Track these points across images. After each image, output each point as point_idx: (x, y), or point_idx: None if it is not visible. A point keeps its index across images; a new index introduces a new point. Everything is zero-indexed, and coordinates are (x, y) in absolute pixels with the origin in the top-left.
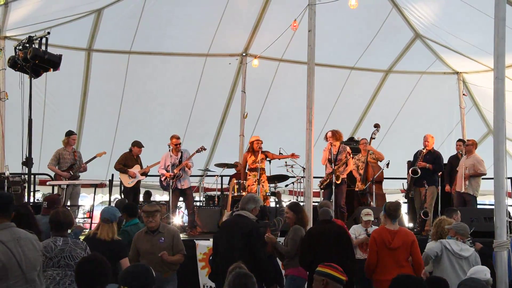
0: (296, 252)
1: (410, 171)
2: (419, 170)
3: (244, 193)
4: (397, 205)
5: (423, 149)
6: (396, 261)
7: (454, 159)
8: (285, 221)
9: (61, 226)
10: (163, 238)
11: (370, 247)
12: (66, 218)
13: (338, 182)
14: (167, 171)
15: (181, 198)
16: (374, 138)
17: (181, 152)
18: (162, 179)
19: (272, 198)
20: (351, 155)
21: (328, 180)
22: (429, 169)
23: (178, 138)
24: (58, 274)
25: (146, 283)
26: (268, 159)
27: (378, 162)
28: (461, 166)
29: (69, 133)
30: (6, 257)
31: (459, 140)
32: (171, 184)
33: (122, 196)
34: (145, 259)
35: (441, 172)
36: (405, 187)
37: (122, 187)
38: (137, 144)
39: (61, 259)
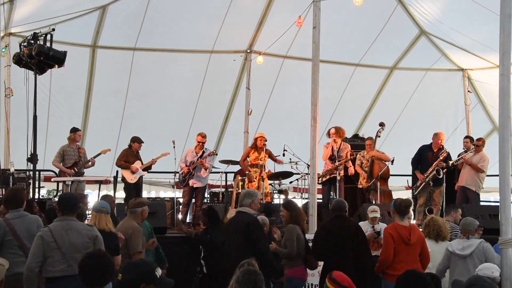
0: (296, 251)
1: (435, 171)
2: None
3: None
4: (408, 201)
5: (442, 148)
6: (412, 256)
7: None
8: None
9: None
10: None
11: (386, 243)
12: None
13: (339, 178)
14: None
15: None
16: (379, 137)
17: (203, 151)
18: (180, 172)
19: (277, 195)
20: (354, 154)
21: (327, 177)
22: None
23: (203, 136)
24: None
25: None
26: (269, 158)
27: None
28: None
29: (75, 130)
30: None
31: (467, 137)
32: (182, 179)
33: (124, 192)
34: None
35: (446, 170)
36: (410, 183)
37: (124, 184)
38: (137, 140)
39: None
